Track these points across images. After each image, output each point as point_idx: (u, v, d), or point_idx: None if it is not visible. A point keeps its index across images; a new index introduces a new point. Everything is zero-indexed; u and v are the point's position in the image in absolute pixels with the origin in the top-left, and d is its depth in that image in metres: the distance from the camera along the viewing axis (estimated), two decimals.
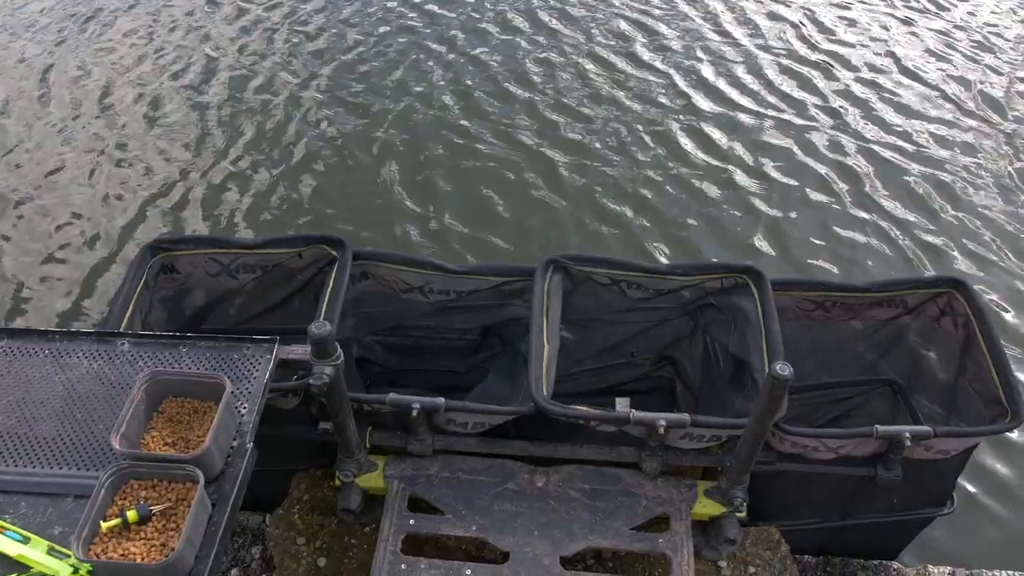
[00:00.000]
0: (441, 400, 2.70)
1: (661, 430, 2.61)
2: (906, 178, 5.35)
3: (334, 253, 3.05)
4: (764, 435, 2.50)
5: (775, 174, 5.39)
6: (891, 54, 6.49)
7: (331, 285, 2.91)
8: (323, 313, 2.80)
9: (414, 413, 2.69)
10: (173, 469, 1.94)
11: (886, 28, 6.81)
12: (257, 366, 2.31)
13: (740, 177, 5.36)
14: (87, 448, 2.11)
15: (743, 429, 2.54)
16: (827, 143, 5.63)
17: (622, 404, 3.17)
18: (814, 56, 6.49)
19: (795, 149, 5.58)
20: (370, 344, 3.54)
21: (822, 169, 5.43)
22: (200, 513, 1.89)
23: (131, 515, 1.85)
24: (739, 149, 5.58)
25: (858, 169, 5.42)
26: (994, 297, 4.59)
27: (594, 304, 3.24)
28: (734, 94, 6.06)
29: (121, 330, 2.78)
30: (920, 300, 3.13)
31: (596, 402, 3.39)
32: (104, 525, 1.84)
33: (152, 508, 1.89)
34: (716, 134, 5.70)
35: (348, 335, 3.32)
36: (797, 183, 5.33)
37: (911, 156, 5.52)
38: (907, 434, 2.63)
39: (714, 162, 5.49)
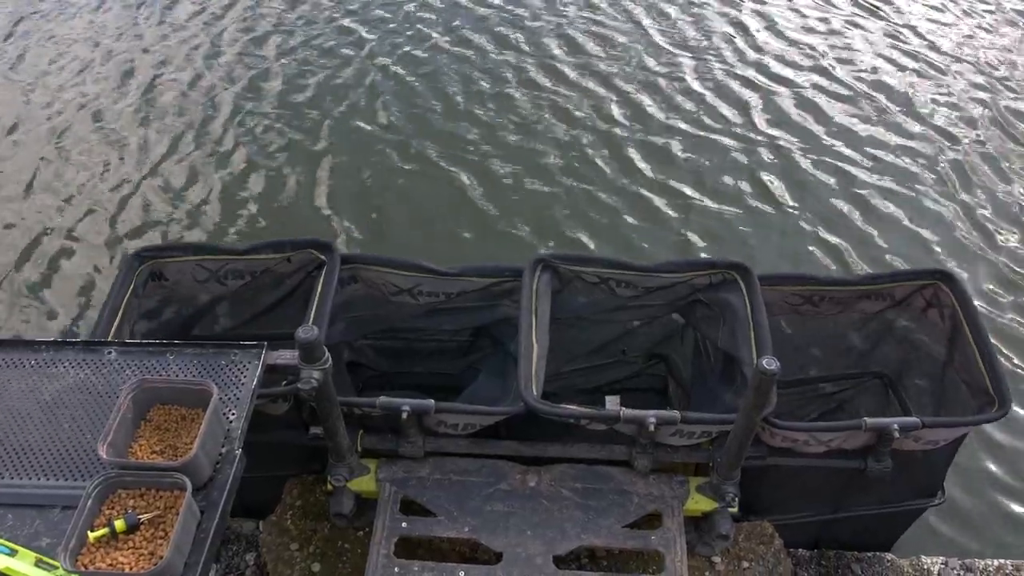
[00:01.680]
0: (431, 402, 2.70)
1: (651, 427, 2.61)
2: (884, 175, 5.37)
3: (322, 257, 3.05)
4: (753, 430, 2.50)
5: (755, 173, 5.39)
6: (855, 51, 6.53)
7: (319, 289, 2.91)
8: (311, 318, 2.80)
9: (404, 416, 2.69)
10: (160, 477, 1.94)
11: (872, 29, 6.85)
12: (245, 372, 2.31)
13: (722, 176, 5.36)
14: (74, 458, 2.10)
15: (733, 424, 2.54)
16: (804, 142, 5.63)
17: (612, 402, 3.18)
18: (790, 51, 6.52)
19: (774, 146, 5.59)
20: (361, 348, 3.54)
21: (803, 165, 5.44)
22: (188, 521, 1.89)
23: (119, 524, 1.85)
24: (720, 147, 5.58)
25: (835, 166, 5.44)
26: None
27: (583, 303, 3.24)
28: (711, 95, 6.04)
29: (109, 339, 2.79)
30: (907, 292, 3.13)
31: (589, 400, 3.43)
32: (92, 535, 1.84)
33: (140, 517, 1.89)
34: (697, 134, 5.69)
35: (339, 339, 3.32)
36: (778, 181, 5.34)
37: (890, 153, 5.54)
38: (895, 426, 2.64)
39: (695, 158, 5.49)
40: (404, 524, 2.73)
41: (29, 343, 2.40)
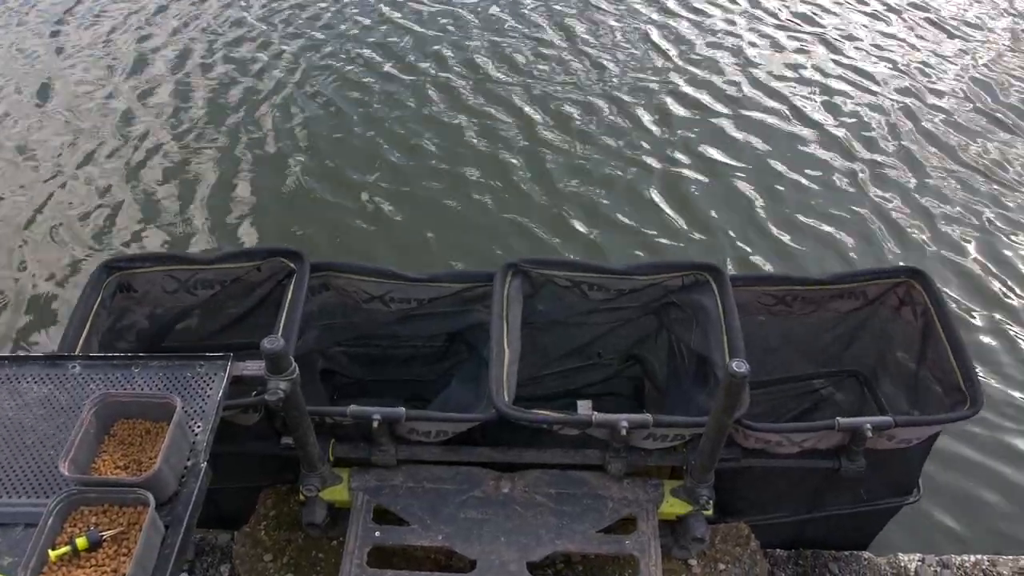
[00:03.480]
0: (402, 410, 2.68)
1: (624, 431, 2.60)
2: (853, 174, 5.41)
3: (292, 265, 3.02)
4: (725, 432, 2.50)
5: (726, 175, 5.43)
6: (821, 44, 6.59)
7: (288, 298, 2.88)
8: (281, 327, 2.77)
9: (375, 424, 2.67)
10: (123, 493, 1.91)
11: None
12: (211, 384, 2.28)
13: (692, 176, 5.38)
14: (37, 475, 2.07)
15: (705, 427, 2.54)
16: (775, 142, 5.69)
17: (584, 407, 3.16)
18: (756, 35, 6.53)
19: (749, 146, 5.63)
20: (335, 355, 3.51)
21: (776, 166, 5.47)
22: (152, 536, 1.86)
23: (80, 542, 1.83)
24: (693, 148, 5.62)
25: (801, 166, 5.48)
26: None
27: (556, 307, 3.23)
28: (680, 98, 6.09)
29: (77, 352, 2.76)
30: (880, 291, 3.14)
31: (566, 404, 3.41)
32: (53, 554, 1.81)
33: (103, 533, 1.86)
34: (671, 134, 5.72)
35: (311, 347, 3.30)
36: (747, 182, 5.37)
37: (864, 151, 5.59)
38: (868, 425, 2.64)
39: (665, 164, 5.51)
40: (377, 533, 2.71)
41: None
